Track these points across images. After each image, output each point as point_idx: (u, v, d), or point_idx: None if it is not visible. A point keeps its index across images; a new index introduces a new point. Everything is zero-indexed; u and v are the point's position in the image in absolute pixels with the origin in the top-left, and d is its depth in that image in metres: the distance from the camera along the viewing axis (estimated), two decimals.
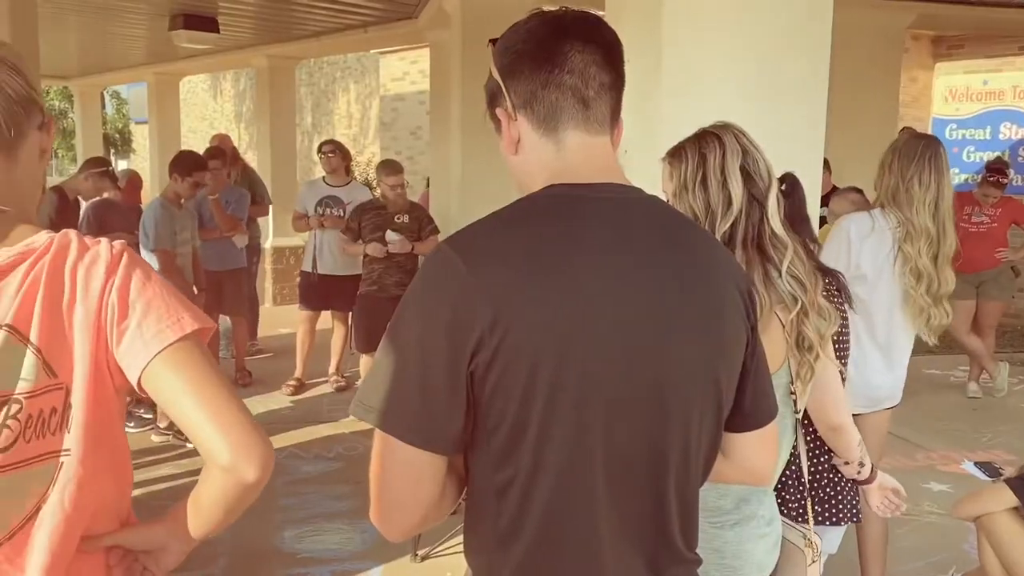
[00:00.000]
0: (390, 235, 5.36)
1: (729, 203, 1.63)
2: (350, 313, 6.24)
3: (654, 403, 1.12)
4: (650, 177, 1.68)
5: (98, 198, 5.68)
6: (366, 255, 5.46)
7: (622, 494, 1.13)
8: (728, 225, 1.63)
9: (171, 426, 5.01)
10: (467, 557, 1.21)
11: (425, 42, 8.27)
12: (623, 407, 1.11)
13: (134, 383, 1.13)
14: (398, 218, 5.45)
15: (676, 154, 1.73)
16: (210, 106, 21.53)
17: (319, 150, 6.35)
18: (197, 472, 1.20)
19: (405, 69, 13.83)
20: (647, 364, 1.11)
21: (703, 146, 1.69)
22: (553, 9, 1.18)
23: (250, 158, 13.61)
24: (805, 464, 1.93)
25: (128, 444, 1.25)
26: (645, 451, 1.13)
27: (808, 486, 2.00)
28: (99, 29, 9.31)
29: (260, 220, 7.32)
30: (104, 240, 1.17)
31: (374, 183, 5.73)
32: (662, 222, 1.19)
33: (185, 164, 5.21)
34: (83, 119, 14.04)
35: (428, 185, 8.32)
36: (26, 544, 1.13)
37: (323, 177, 6.35)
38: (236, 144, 8.56)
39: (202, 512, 1.17)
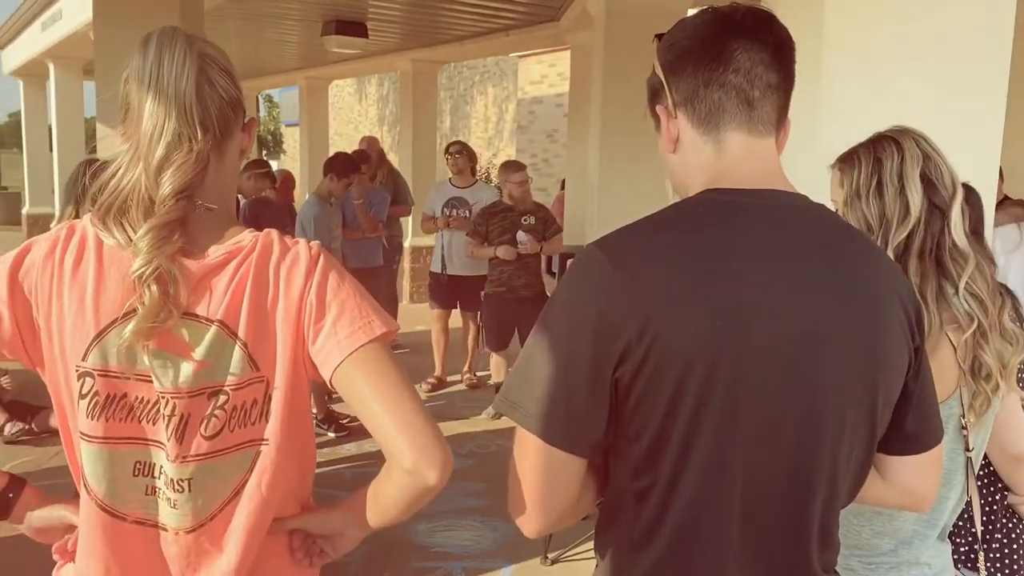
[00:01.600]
0: (521, 236, 5.42)
1: (906, 212, 1.51)
2: (477, 313, 6.34)
3: (803, 419, 1.07)
4: (812, 183, 1.61)
5: (255, 196, 6.00)
6: (494, 256, 5.53)
7: (759, 510, 1.09)
8: (904, 235, 1.50)
9: (317, 414, 5.21)
10: (597, 552, 1.20)
11: (566, 44, 8.28)
12: (771, 422, 1.06)
13: (327, 380, 1.17)
14: (525, 219, 5.49)
15: (848, 159, 1.62)
16: (355, 109, 22.36)
17: (446, 151, 6.43)
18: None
19: (544, 72, 13.93)
20: (800, 379, 1.06)
21: (879, 151, 1.57)
22: (723, 6, 1.14)
23: (391, 160, 14.04)
24: (978, 510, 1.73)
25: (313, 433, 1.32)
26: (789, 468, 1.09)
27: (981, 536, 1.79)
28: (256, 35, 9.82)
29: (402, 220, 7.52)
30: (302, 240, 1.22)
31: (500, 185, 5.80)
32: (825, 231, 1.13)
33: (342, 165, 5.49)
34: None
35: (563, 187, 8.33)
36: (226, 526, 1.20)
37: (449, 179, 6.45)
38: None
39: (380, 506, 1.20)
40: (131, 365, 1.14)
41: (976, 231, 1.76)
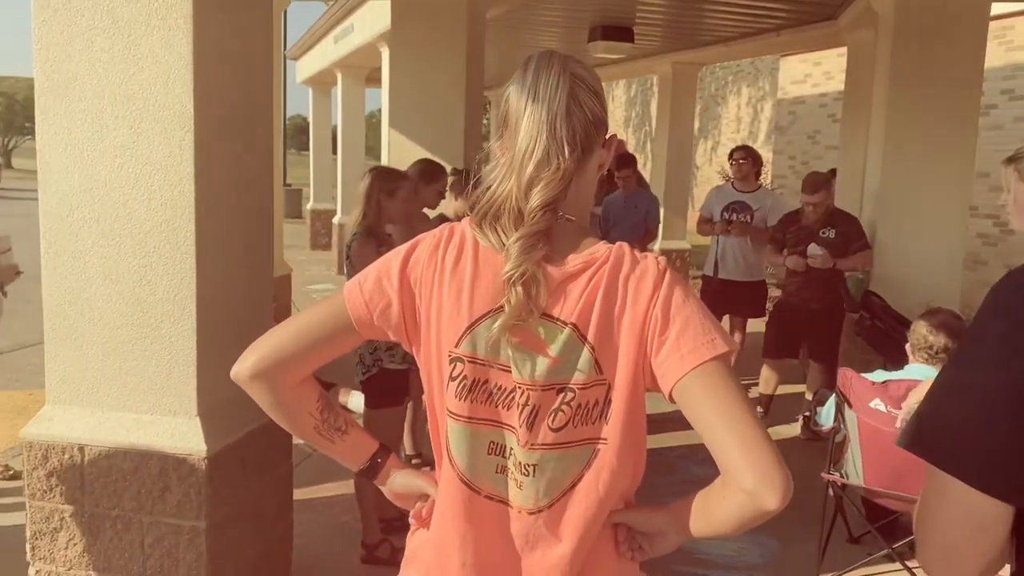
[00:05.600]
0: (813, 249, 5.19)
1: None
2: (747, 320, 6.19)
3: None
4: None
5: None
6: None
7: None
8: None
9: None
10: None
11: (842, 43, 7.88)
12: None
13: (666, 393, 1.22)
14: (823, 232, 5.22)
15: None
16: None
17: (730, 156, 6.31)
18: None
19: (807, 71, 13.30)
20: None
21: None
22: None
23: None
24: None
25: (646, 440, 1.34)
26: None
27: None
28: (519, 42, 10.20)
29: None
30: (651, 255, 1.27)
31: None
32: None
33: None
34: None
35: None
36: (562, 514, 1.28)
37: (731, 183, 6.33)
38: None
39: (711, 520, 1.21)
40: (495, 355, 1.25)
41: None
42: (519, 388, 1.24)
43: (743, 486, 1.12)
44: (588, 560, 1.30)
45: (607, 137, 1.33)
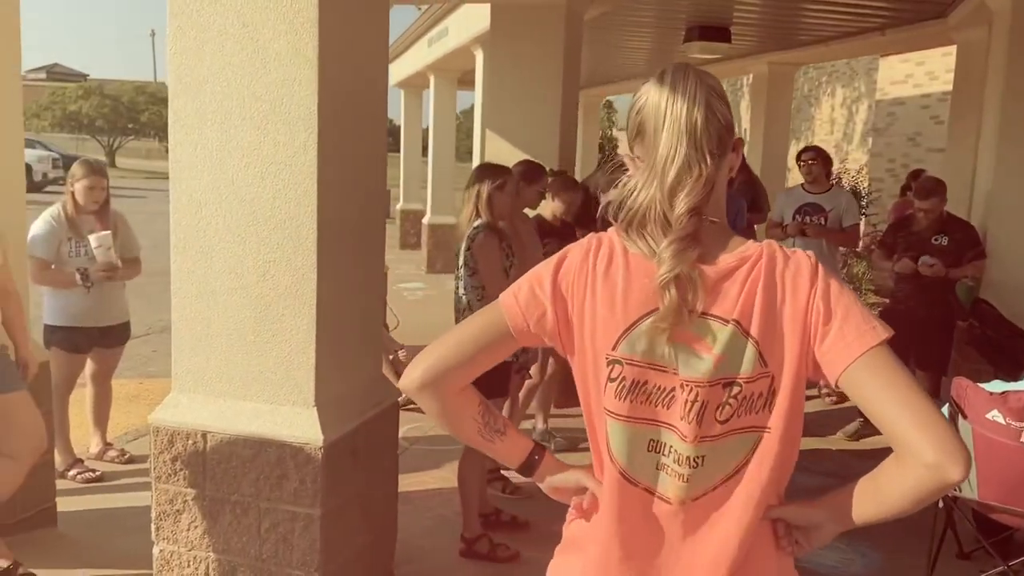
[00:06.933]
0: (924, 259, 5.03)
1: None
2: None
3: None
4: None
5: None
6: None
7: None
8: None
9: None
10: None
11: (950, 43, 7.60)
12: None
13: (832, 380, 1.26)
14: (936, 239, 5.05)
15: None
16: None
17: (798, 158, 6.13)
18: None
19: (909, 71, 12.84)
20: None
21: None
22: None
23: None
24: None
25: (803, 430, 1.36)
26: None
27: None
28: (612, 43, 10.17)
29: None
30: (799, 251, 1.32)
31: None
32: None
33: None
34: (584, 128, 15.51)
35: (903, 193, 7.61)
36: (726, 498, 1.33)
37: (802, 184, 6.14)
38: None
39: (882, 500, 1.25)
40: (652, 357, 1.30)
41: None
42: (686, 385, 1.29)
43: (924, 460, 1.16)
44: (749, 555, 1.34)
45: (735, 141, 1.37)
